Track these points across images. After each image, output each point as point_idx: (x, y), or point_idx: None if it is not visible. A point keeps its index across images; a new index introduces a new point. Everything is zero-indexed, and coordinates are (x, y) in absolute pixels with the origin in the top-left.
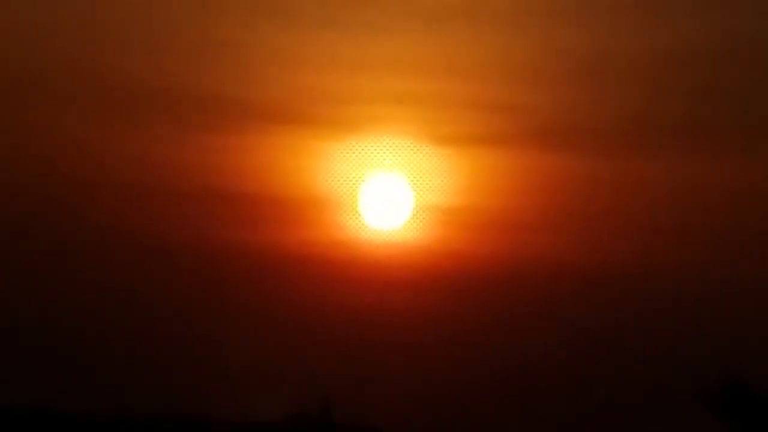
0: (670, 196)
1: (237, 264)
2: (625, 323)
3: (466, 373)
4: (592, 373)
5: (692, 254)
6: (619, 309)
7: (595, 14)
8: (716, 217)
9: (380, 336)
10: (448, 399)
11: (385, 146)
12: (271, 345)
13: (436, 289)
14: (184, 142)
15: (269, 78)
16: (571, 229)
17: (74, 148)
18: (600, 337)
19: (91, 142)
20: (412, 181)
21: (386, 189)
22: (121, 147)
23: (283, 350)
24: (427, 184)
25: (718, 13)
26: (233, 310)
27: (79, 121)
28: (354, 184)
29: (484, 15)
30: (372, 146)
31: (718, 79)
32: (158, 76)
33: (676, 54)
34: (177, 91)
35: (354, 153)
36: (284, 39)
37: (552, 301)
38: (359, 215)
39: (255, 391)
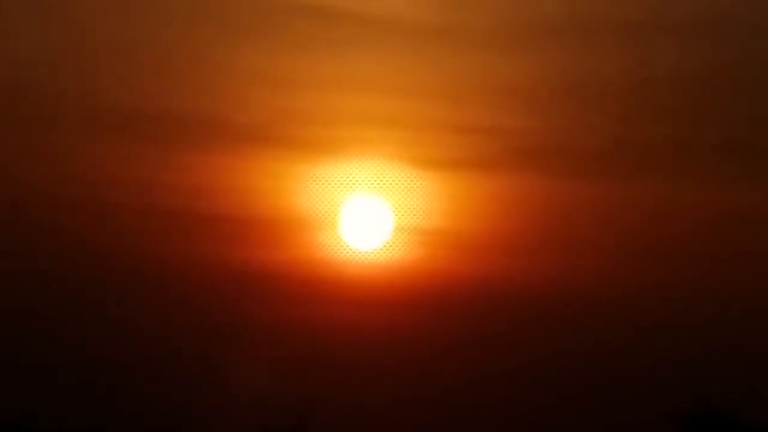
0: (652, 219)
1: (217, 284)
2: (605, 345)
3: (444, 394)
4: (572, 393)
5: (674, 276)
6: (599, 331)
7: (578, 38)
8: (698, 239)
9: (358, 356)
10: (426, 419)
11: (365, 168)
12: (249, 363)
13: (415, 310)
14: (164, 162)
15: (250, 99)
16: (552, 251)
17: (54, 168)
18: (580, 359)
19: (74, 163)
20: (392, 202)
21: (366, 210)
22: (101, 167)
23: (261, 369)
24: (407, 205)
25: (701, 39)
26: (212, 329)
27: (59, 142)
28: (334, 205)
29: (466, 37)
30: (353, 168)
31: (701, 103)
32: (138, 97)
33: (658, 79)
34: (157, 111)
35: (334, 174)
36: (265, 60)
37: (532, 323)
38: (339, 236)
39: (231, 409)
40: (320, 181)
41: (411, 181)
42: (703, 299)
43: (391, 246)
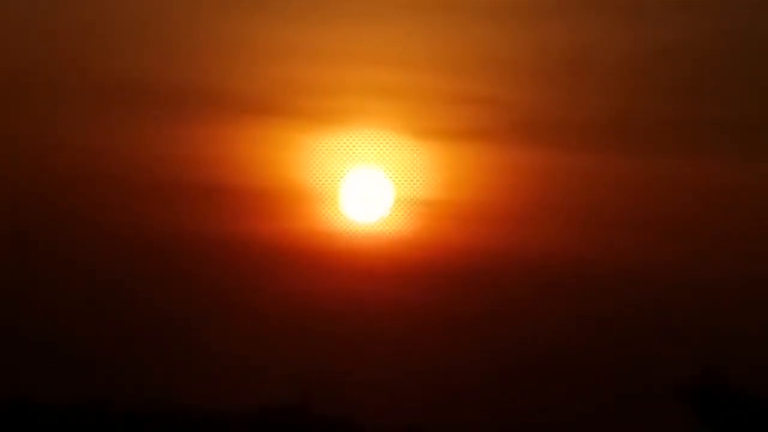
0: (650, 192)
1: (218, 254)
2: (605, 316)
3: (444, 365)
4: (573, 365)
5: (672, 250)
6: (599, 302)
7: (577, 11)
8: (696, 212)
9: (359, 327)
10: (426, 390)
11: (366, 139)
12: (251, 335)
13: (415, 280)
14: (165, 134)
15: (251, 71)
16: (550, 222)
17: (59, 141)
18: (580, 330)
19: (77, 136)
20: (392, 174)
21: (367, 182)
22: (102, 140)
23: (263, 340)
24: (407, 177)
25: (700, 13)
26: (213, 300)
27: (64, 116)
28: (335, 176)
29: (467, 9)
30: (353, 139)
31: (703, 78)
32: (141, 70)
33: (657, 52)
34: (158, 84)
35: (335, 146)
36: (267, 32)
37: (530, 295)
38: (340, 207)
39: (234, 381)
40: (321, 152)
41: (411, 152)
42: (704, 273)
43: (391, 217)
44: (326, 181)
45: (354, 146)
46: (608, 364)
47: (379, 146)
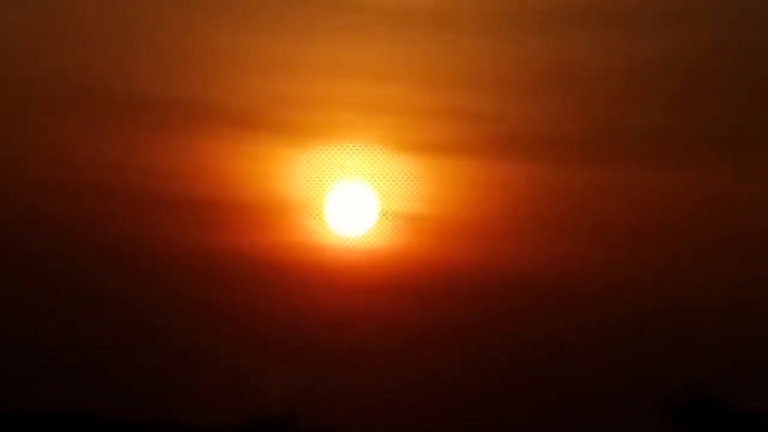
0: (634, 205)
1: (203, 268)
2: (588, 331)
3: (428, 378)
4: (555, 379)
5: (658, 263)
6: (582, 317)
7: (562, 25)
8: (681, 226)
9: (344, 340)
10: (410, 404)
11: (351, 153)
12: (236, 348)
13: (400, 294)
14: (152, 147)
15: (238, 84)
16: (535, 237)
17: (44, 152)
18: (563, 344)
19: (61, 147)
20: (378, 188)
21: (352, 195)
22: (90, 151)
23: (248, 354)
24: (392, 191)
25: (686, 26)
26: (198, 313)
27: (50, 126)
28: (320, 190)
29: (453, 24)
30: (339, 153)
31: (688, 92)
32: (128, 83)
33: (641, 66)
34: (146, 97)
35: (321, 159)
36: (255, 46)
37: (515, 308)
38: (325, 221)
39: (219, 394)
40: (306, 166)
41: (397, 166)
42: (690, 286)
43: (376, 231)
44: (312, 194)
45: (340, 160)
46: (595, 379)
47: (364, 160)
